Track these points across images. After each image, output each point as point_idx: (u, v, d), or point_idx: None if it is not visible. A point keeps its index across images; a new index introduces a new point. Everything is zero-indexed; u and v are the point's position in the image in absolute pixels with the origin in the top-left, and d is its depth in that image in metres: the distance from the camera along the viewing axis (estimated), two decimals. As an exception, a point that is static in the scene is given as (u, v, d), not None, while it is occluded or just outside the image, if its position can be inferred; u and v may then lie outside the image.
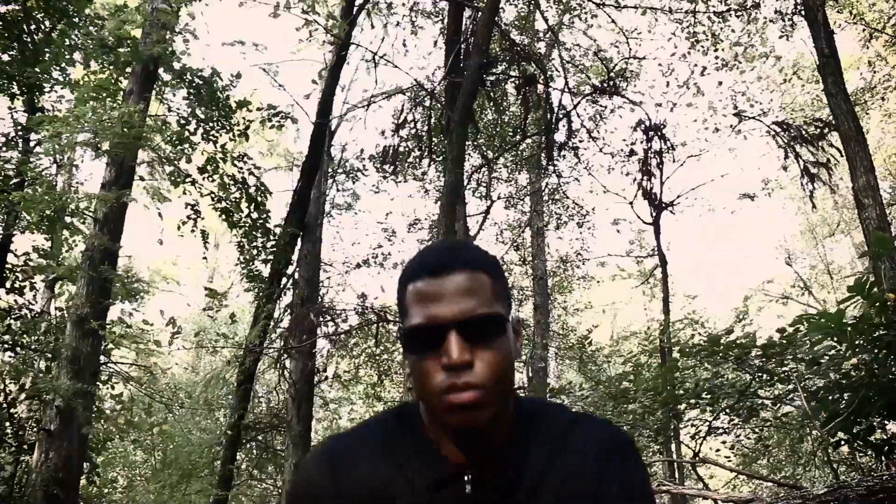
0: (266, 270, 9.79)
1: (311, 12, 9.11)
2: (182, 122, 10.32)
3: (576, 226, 15.55)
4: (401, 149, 11.74)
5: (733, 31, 12.90)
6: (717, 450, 9.05)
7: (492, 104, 12.22)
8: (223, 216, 10.20)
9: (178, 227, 10.08)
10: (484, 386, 1.09)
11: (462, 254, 1.18)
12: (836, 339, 4.55)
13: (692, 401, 7.17)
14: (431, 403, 1.13)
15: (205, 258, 10.92)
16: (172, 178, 10.28)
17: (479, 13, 9.28)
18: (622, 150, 12.97)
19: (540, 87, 11.46)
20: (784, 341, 5.80)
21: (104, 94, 9.72)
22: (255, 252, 9.99)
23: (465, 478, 1.18)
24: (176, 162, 10.20)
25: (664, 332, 11.67)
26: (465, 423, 1.10)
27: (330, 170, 12.37)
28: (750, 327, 7.68)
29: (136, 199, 10.05)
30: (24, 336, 10.57)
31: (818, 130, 11.23)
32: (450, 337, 1.09)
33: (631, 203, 13.08)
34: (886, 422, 4.80)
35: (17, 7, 9.78)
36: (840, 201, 19.98)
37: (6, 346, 10.50)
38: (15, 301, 10.54)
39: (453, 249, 1.21)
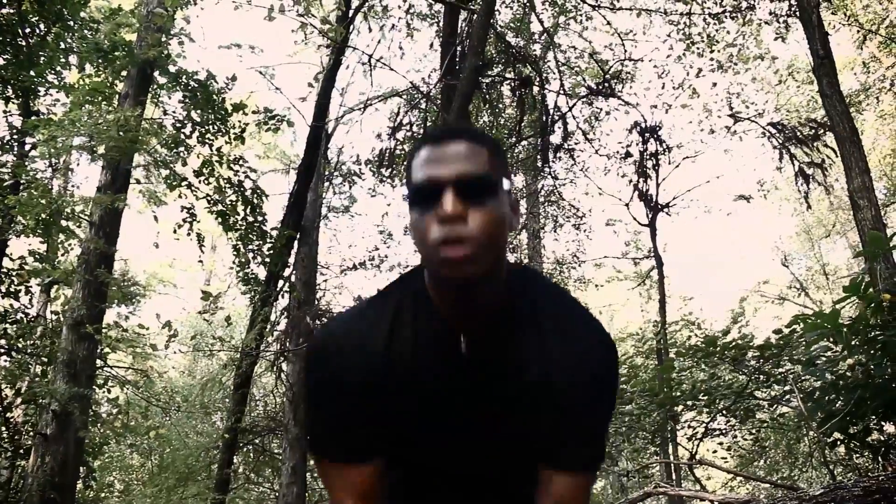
0: (262, 273, 9.77)
1: (306, 15, 9.11)
2: (178, 125, 10.31)
3: (572, 228, 15.56)
4: (397, 151, 11.74)
5: (728, 32, 12.93)
6: (714, 451, 9.06)
7: (487, 106, 12.22)
8: (219, 219, 10.18)
9: (175, 231, 10.06)
10: (474, 239, 1.20)
11: (465, 128, 1.36)
12: (832, 339, 4.55)
13: (689, 402, 7.18)
14: (428, 257, 1.26)
15: (201, 261, 10.90)
16: (168, 182, 10.27)
17: (475, 16, 9.28)
18: (618, 152, 12.98)
19: (535, 89, 11.47)
20: (780, 342, 5.81)
21: (99, 98, 9.70)
22: (251, 255, 9.98)
23: (461, 337, 1.32)
24: (172, 165, 10.19)
25: (660, 334, 11.68)
26: (455, 274, 1.22)
27: (326, 172, 12.37)
28: (746, 328, 7.69)
29: (130, 205, 10.04)
30: (20, 340, 10.55)
31: (813, 131, 11.25)
32: (446, 193, 1.22)
33: (627, 205, 13.12)
34: (883, 422, 4.81)
35: (11, 10, 9.76)
36: (835, 202, 20.02)
37: (2, 350, 10.47)
38: (10, 305, 10.51)
39: (458, 126, 1.52)
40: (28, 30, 10.08)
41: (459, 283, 1.24)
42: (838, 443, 5.38)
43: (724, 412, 7.24)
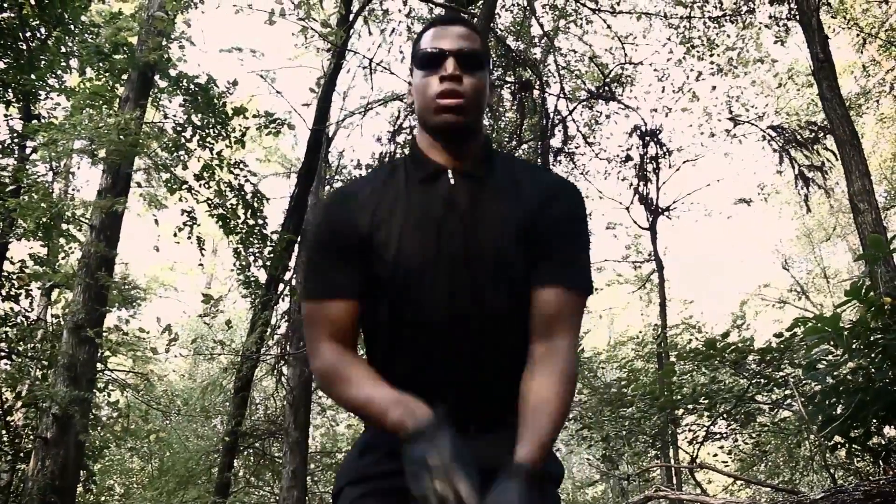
0: (263, 277, 9.77)
1: (307, 19, 9.13)
2: (178, 128, 10.32)
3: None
4: (397, 155, 11.74)
5: (728, 36, 12.94)
6: (715, 455, 9.06)
7: (487, 110, 12.22)
8: (220, 223, 10.18)
9: (175, 234, 10.06)
10: (467, 95, 1.54)
11: (465, 18, 1.71)
12: (832, 343, 4.55)
13: (689, 406, 7.18)
14: (428, 107, 1.57)
15: (201, 264, 10.90)
16: (169, 185, 10.27)
17: (475, 19, 9.30)
18: (618, 156, 12.99)
19: (536, 93, 11.48)
20: (781, 346, 5.81)
21: (100, 101, 9.71)
22: (252, 258, 9.98)
23: (448, 172, 1.59)
24: (172, 169, 10.19)
25: (660, 337, 11.67)
26: (449, 121, 1.55)
27: (327, 176, 12.37)
28: (747, 332, 7.70)
29: (129, 208, 10.03)
30: (20, 343, 10.55)
31: (813, 135, 11.26)
32: (449, 58, 1.56)
33: (627, 208, 13.12)
34: (883, 426, 4.81)
35: (12, 14, 9.78)
36: (836, 205, 20.02)
37: (2, 353, 10.47)
38: (11, 308, 10.51)
39: (460, 15, 1.84)
40: (29, 33, 10.09)
41: (453, 126, 1.55)
42: (839, 446, 5.38)
43: (724, 416, 7.24)
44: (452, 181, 1.58)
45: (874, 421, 4.64)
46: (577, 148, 13.06)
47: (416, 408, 1.41)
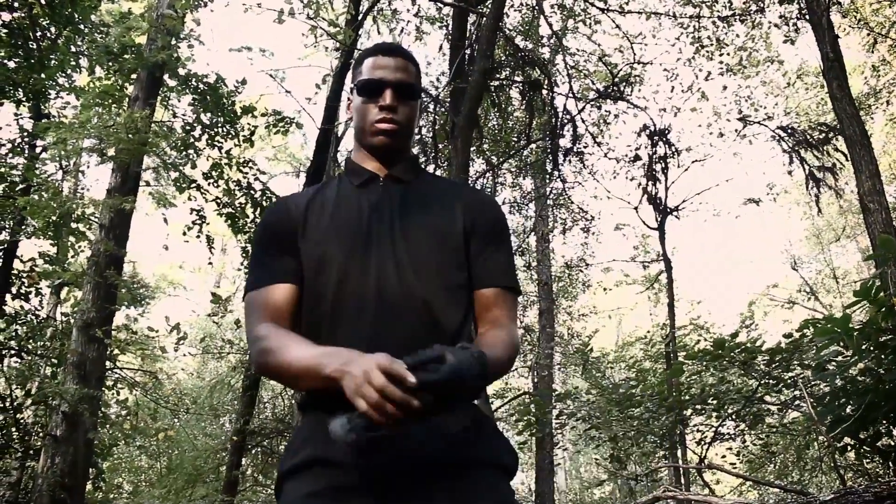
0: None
1: (316, 19, 9.14)
2: (187, 127, 10.35)
3: (581, 231, 15.52)
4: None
5: (738, 35, 12.89)
6: (723, 455, 9.02)
7: (496, 109, 12.22)
8: (228, 221, 10.21)
9: (184, 233, 10.09)
10: (400, 123, 1.78)
11: (403, 48, 1.88)
12: (842, 344, 4.53)
13: (698, 406, 7.16)
14: (366, 130, 1.79)
15: (210, 263, 10.93)
16: (178, 184, 10.30)
17: (484, 19, 9.29)
18: (627, 155, 12.96)
19: (544, 93, 11.46)
20: (790, 346, 5.79)
21: (109, 101, 9.75)
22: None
23: (380, 176, 1.81)
24: (181, 167, 10.22)
25: (669, 338, 11.64)
26: (384, 142, 1.78)
27: (336, 175, 12.39)
28: (756, 332, 7.67)
29: (138, 207, 10.05)
30: (30, 342, 10.60)
31: (823, 135, 11.21)
32: (388, 90, 1.77)
33: (636, 208, 13.07)
34: (893, 427, 4.79)
35: (22, 14, 9.82)
36: (845, 206, 19.94)
37: (12, 351, 10.52)
38: (21, 307, 10.56)
39: (399, 45, 1.90)
40: (39, 33, 10.14)
41: (387, 147, 1.78)
42: (848, 448, 5.36)
43: (733, 416, 7.22)
44: (382, 183, 1.80)
45: (884, 422, 4.62)
46: (585, 147, 13.03)
47: (350, 354, 1.43)
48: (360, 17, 9.68)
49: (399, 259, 1.66)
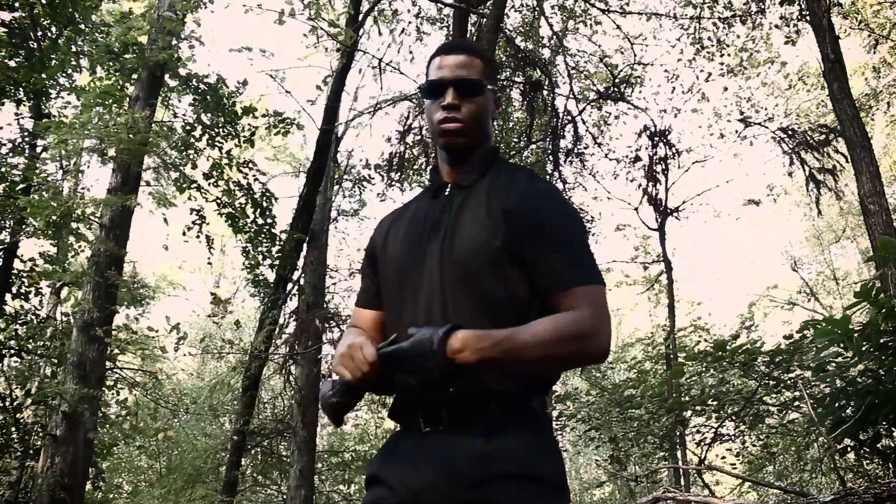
0: (272, 276, 9.79)
1: (316, 19, 9.13)
2: (188, 128, 10.35)
3: (581, 232, 15.48)
4: (407, 155, 11.73)
5: (738, 36, 12.88)
6: (723, 456, 9.02)
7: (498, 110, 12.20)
8: (228, 222, 10.21)
9: (184, 233, 10.09)
10: (464, 120, 1.75)
11: (466, 44, 1.92)
12: (842, 345, 4.53)
13: (698, 407, 7.16)
14: (433, 131, 1.81)
15: (210, 263, 10.93)
16: (178, 184, 10.30)
17: (484, 19, 9.29)
18: (627, 156, 12.95)
19: (545, 93, 11.46)
20: (790, 348, 5.79)
21: (110, 100, 9.75)
22: (260, 257, 10.00)
23: (448, 184, 1.81)
24: (181, 167, 10.22)
25: (669, 339, 11.63)
26: (450, 143, 1.78)
27: (336, 176, 12.38)
28: (756, 334, 7.67)
29: (141, 205, 10.06)
30: (30, 341, 10.60)
31: (823, 136, 11.21)
32: (449, 88, 1.76)
33: (636, 209, 13.07)
34: (893, 428, 4.78)
35: (23, 14, 9.82)
36: (846, 207, 19.93)
37: (12, 351, 10.52)
38: (21, 306, 10.57)
39: (462, 41, 2.19)
40: (40, 33, 10.15)
41: (453, 146, 1.78)
42: (848, 449, 5.35)
43: (733, 417, 7.22)
44: (448, 192, 1.79)
45: (884, 423, 4.62)
46: (586, 148, 13.02)
47: (346, 339, 1.70)
48: (360, 18, 9.68)
49: (443, 282, 1.66)
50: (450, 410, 1.59)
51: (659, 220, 12.83)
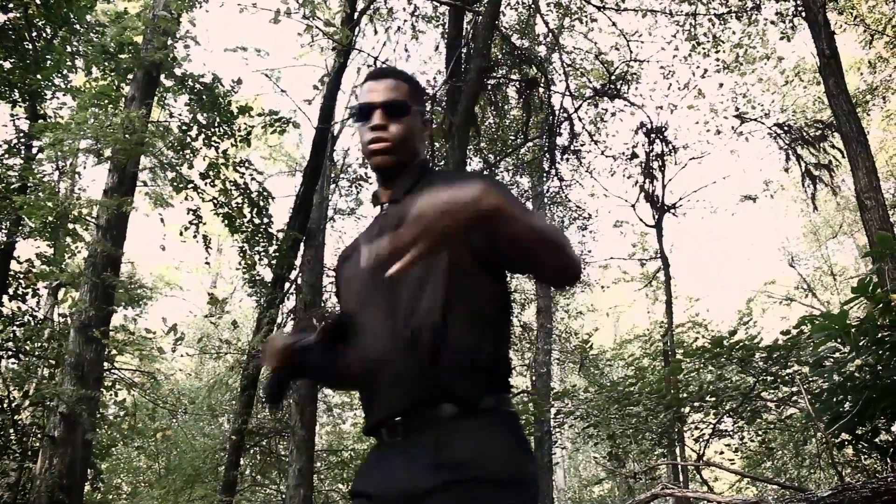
0: (269, 275, 9.78)
1: (312, 18, 9.11)
2: (184, 127, 10.33)
3: (578, 229, 15.53)
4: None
5: (734, 33, 12.90)
6: (721, 452, 9.04)
7: (493, 108, 12.22)
8: (225, 221, 10.19)
9: (181, 233, 10.07)
10: (391, 140, 1.81)
11: (392, 70, 1.97)
12: (839, 340, 4.53)
13: (696, 403, 7.17)
14: (364, 153, 1.86)
15: (207, 263, 10.91)
16: (174, 184, 10.28)
17: (480, 17, 9.29)
18: (624, 153, 12.97)
19: (541, 91, 11.46)
20: (788, 343, 5.80)
21: (106, 101, 9.72)
22: (257, 257, 9.99)
23: (384, 204, 1.86)
24: (178, 167, 10.20)
25: (667, 335, 11.65)
26: (379, 163, 1.83)
27: (332, 174, 12.37)
28: (753, 329, 7.67)
29: (137, 207, 10.04)
30: (28, 343, 10.58)
31: (819, 132, 11.24)
32: (376, 111, 1.82)
33: (633, 206, 13.09)
34: (891, 423, 4.79)
35: (17, 14, 9.80)
36: (842, 203, 19.95)
37: (9, 352, 10.51)
38: (18, 307, 10.55)
39: (389, 68, 2.18)
40: (34, 33, 10.12)
41: (382, 165, 1.83)
42: (846, 444, 5.37)
43: (731, 413, 7.23)
44: (384, 212, 1.86)
45: (881, 418, 4.63)
46: (582, 145, 13.04)
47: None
48: (356, 17, 9.67)
49: (384, 290, 1.69)
50: (405, 421, 1.62)
51: (656, 216, 12.85)
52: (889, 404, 4.37)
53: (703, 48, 12.64)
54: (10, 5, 9.72)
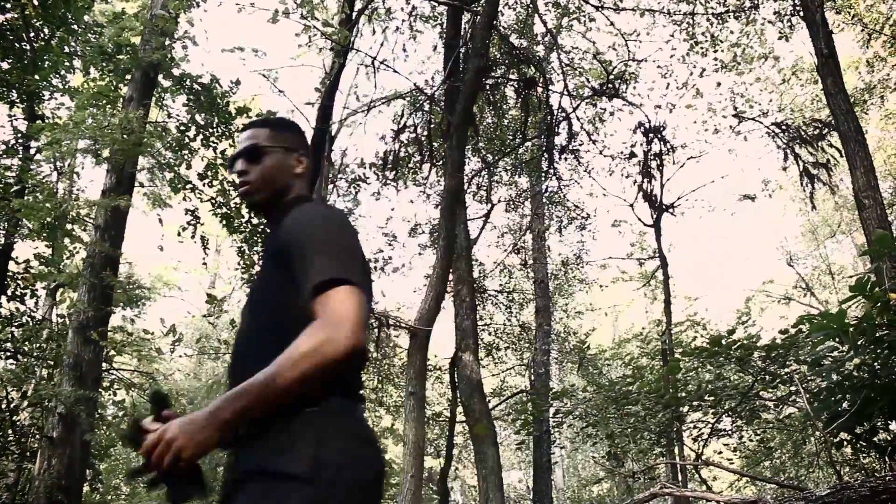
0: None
1: (310, 18, 9.11)
2: (182, 128, 10.33)
3: (577, 229, 15.54)
4: (401, 154, 11.74)
5: (732, 32, 12.90)
6: (720, 452, 9.04)
7: (491, 108, 12.22)
8: (223, 221, 10.19)
9: (179, 234, 10.07)
10: (252, 181, 2.00)
11: (254, 122, 2.15)
12: (838, 339, 4.53)
13: (695, 403, 7.17)
14: (238, 194, 2.27)
15: (205, 264, 10.91)
16: (172, 185, 10.28)
17: (478, 17, 9.29)
18: (622, 153, 12.97)
19: (539, 90, 11.46)
20: (786, 342, 5.79)
21: (104, 101, 9.72)
22: (255, 257, 9.98)
23: (267, 231, 2.11)
24: (176, 168, 10.20)
25: (665, 334, 11.65)
26: (248, 203, 2.07)
27: (331, 175, 12.37)
28: (752, 328, 7.66)
29: (135, 206, 10.04)
30: (26, 343, 10.57)
31: (818, 131, 11.24)
32: (237, 160, 2.04)
33: (631, 205, 13.09)
34: (889, 422, 4.80)
35: (15, 15, 9.79)
36: (840, 202, 19.97)
37: (8, 353, 10.49)
38: (16, 308, 10.53)
39: (253, 121, 2.16)
40: (32, 34, 10.11)
41: (250, 205, 2.07)
42: (845, 443, 5.37)
43: (729, 413, 7.23)
44: (265, 243, 2.16)
45: (880, 417, 4.63)
46: (581, 145, 13.05)
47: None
48: (354, 17, 9.67)
49: (248, 304, 1.92)
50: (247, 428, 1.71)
51: (654, 216, 12.85)
52: (887, 403, 4.37)
53: (702, 47, 12.65)
54: (8, 6, 9.71)
